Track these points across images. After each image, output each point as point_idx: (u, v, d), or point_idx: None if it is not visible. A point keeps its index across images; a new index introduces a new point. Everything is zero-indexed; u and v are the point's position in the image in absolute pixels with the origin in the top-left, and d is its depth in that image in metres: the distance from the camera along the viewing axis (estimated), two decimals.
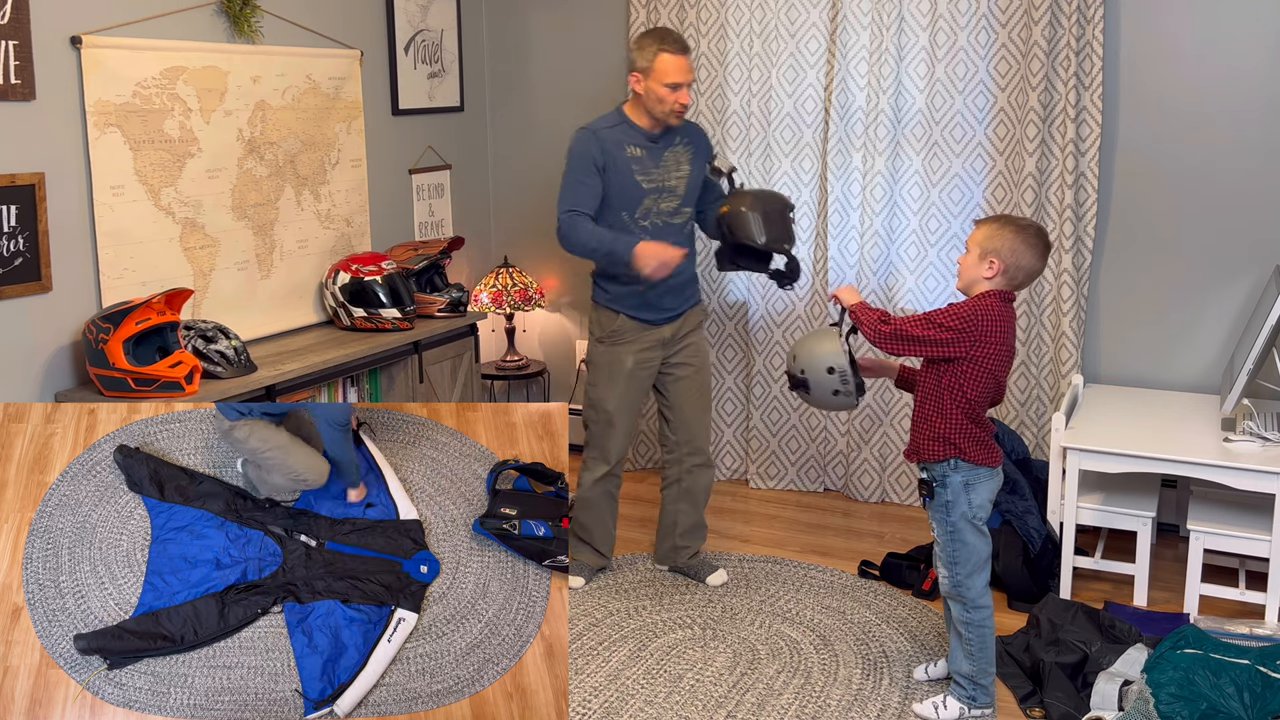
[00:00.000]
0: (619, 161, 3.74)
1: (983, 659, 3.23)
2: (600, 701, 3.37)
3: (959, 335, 3.05)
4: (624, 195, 3.77)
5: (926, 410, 3.17)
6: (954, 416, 3.11)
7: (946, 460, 3.14)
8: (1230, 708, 2.96)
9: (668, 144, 3.84)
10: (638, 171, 3.77)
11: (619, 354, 3.89)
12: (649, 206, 3.80)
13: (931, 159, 4.66)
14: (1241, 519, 3.83)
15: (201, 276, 4.04)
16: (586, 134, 3.77)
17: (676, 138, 3.87)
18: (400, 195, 5.00)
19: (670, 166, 3.83)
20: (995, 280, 3.09)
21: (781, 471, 5.12)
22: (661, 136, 3.82)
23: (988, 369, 3.08)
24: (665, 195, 3.82)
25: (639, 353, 3.90)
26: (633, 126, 3.79)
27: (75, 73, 3.56)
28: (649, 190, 3.79)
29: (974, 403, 3.10)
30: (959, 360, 3.07)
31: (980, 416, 3.14)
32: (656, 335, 3.91)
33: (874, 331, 3.11)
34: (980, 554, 3.19)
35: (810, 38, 4.78)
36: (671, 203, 3.84)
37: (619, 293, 3.87)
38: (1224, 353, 4.38)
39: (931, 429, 3.15)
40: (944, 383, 3.11)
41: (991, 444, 3.16)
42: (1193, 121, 4.32)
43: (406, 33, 4.94)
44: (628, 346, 3.89)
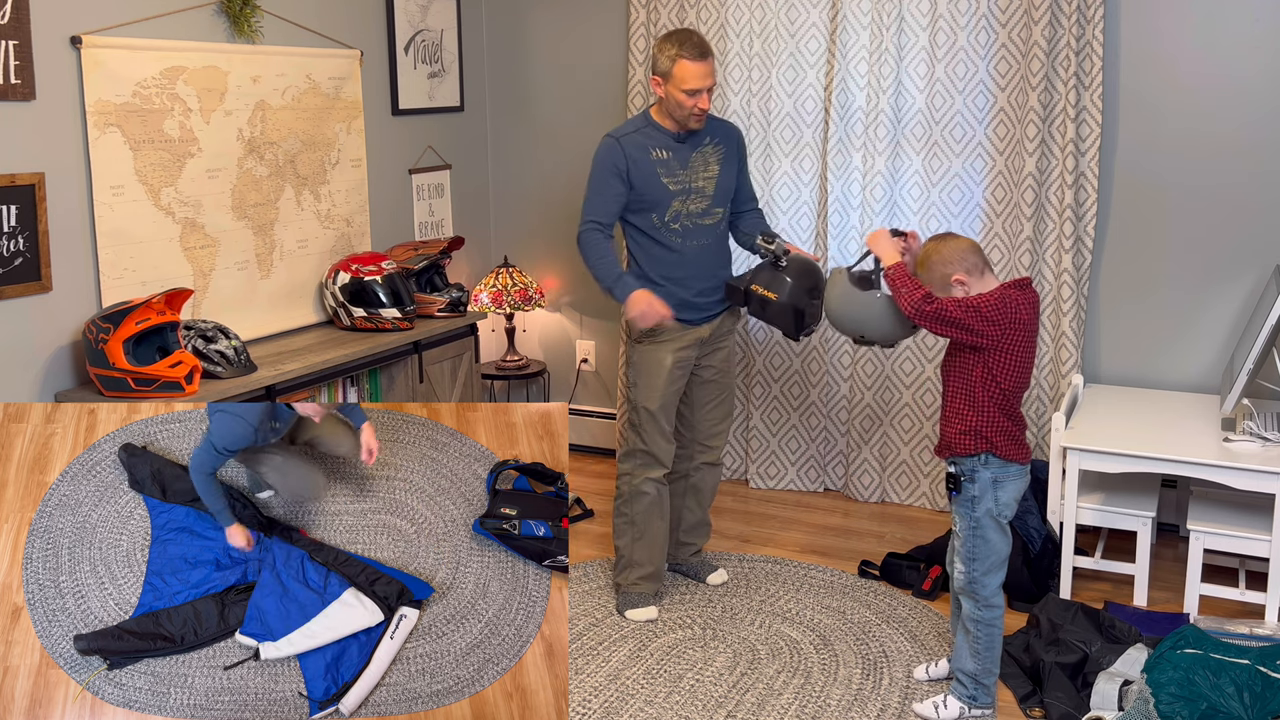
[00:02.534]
0: (643, 166, 3.70)
1: (988, 658, 3.23)
2: (600, 701, 3.37)
3: (994, 324, 3.04)
4: (651, 199, 3.73)
5: (958, 405, 3.16)
6: (987, 410, 3.10)
7: (977, 455, 3.13)
8: (1230, 708, 2.96)
9: (696, 145, 3.79)
10: (664, 174, 3.72)
11: (659, 353, 3.81)
12: (678, 209, 3.75)
13: (931, 159, 4.66)
14: (1241, 519, 3.83)
15: (201, 276, 4.04)
16: (610, 141, 3.74)
17: (706, 138, 3.81)
18: (400, 195, 5.00)
19: (698, 168, 3.78)
20: (972, 284, 3.11)
21: (781, 471, 5.12)
22: (689, 137, 3.77)
23: (1019, 357, 3.08)
24: (694, 196, 3.77)
25: (677, 351, 3.82)
26: (658, 129, 3.75)
27: (75, 73, 3.56)
28: (676, 193, 3.74)
29: (1008, 393, 3.10)
30: (989, 350, 3.07)
31: (1014, 409, 3.13)
32: (695, 335, 3.85)
33: (915, 307, 3.09)
34: (1000, 553, 3.19)
35: (810, 38, 4.78)
36: (701, 204, 3.80)
37: (657, 294, 3.76)
38: (1224, 353, 4.38)
39: (963, 423, 3.14)
40: (976, 375, 3.10)
41: (1023, 440, 3.16)
42: (1193, 121, 4.32)
43: (406, 33, 4.94)
44: (666, 345, 3.81)
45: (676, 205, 3.75)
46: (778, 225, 4.92)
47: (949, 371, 3.20)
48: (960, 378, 3.15)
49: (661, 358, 3.81)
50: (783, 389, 5.04)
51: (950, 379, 3.19)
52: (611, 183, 3.70)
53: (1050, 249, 4.49)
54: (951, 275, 3.11)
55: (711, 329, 3.89)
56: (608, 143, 3.73)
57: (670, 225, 3.76)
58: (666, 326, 3.74)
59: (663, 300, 3.69)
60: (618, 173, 3.69)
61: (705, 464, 4.06)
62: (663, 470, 3.86)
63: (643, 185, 3.71)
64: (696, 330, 3.85)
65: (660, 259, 3.77)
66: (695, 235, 3.79)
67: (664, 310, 3.67)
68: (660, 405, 3.82)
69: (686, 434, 4.03)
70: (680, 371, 3.85)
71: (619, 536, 3.93)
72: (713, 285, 3.85)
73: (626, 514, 3.89)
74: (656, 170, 3.71)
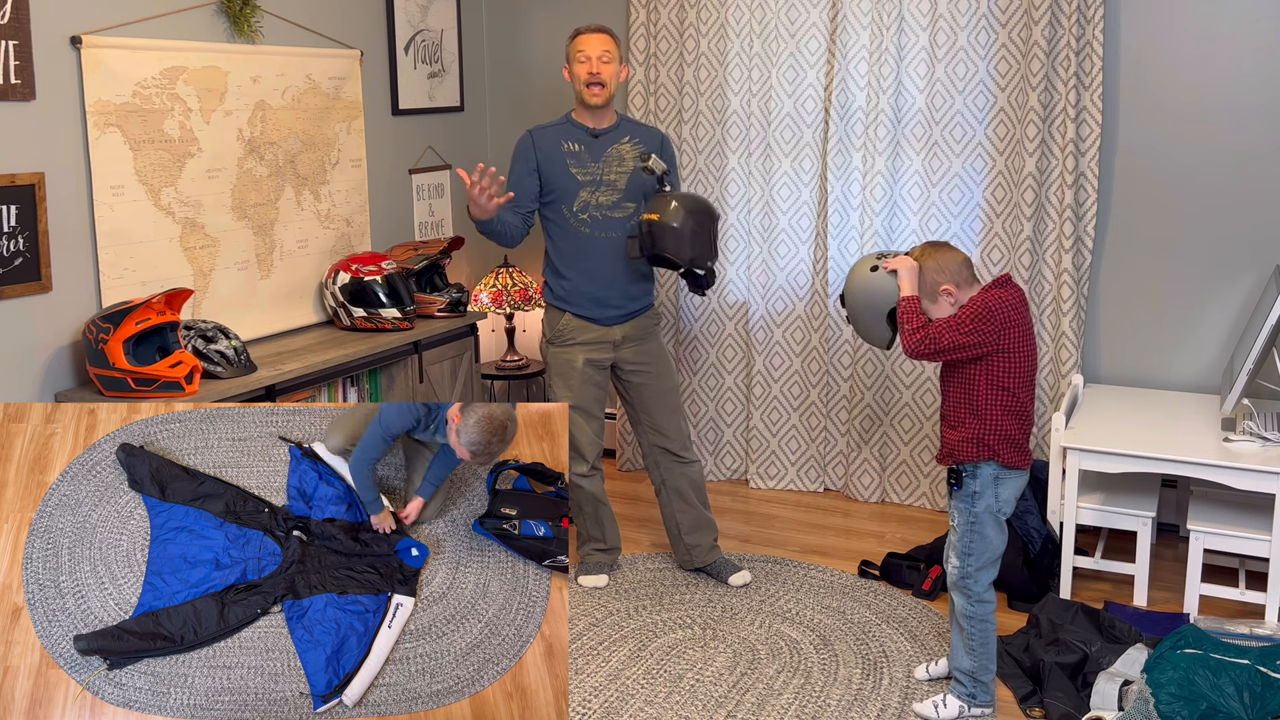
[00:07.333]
0: (553, 157, 3.90)
1: (983, 655, 3.23)
2: (600, 701, 3.37)
3: (982, 333, 3.04)
4: (560, 188, 3.91)
5: (961, 413, 3.15)
6: (992, 416, 3.10)
7: (981, 460, 3.14)
8: (1230, 708, 2.96)
9: (613, 140, 3.95)
10: (573, 165, 3.90)
11: (569, 355, 3.98)
12: (585, 199, 3.90)
13: (931, 159, 4.66)
14: (1241, 519, 3.83)
15: (201, 276, 4.04)
16: (524, 135, 3.98)
17: (624, 136, 3.97)
18: (400, 195, 5.00)
19: (612, 162, 3.93)
20: (959, 296, 3.11)
21: (781, 471, 5.12)
22: (605, 133, 3.95)
23: (1019, 356, 3.08)
24: (603, 189, 3.91)
25: (589, 352, 3.97)
26: (575, 125, 3.96)
27: (75, 73, 3.56)
28: (584, 183, 3.90)
29: (1015, 393, 3.10)
30: (988, 356, 3.07)
31: (1023, 409, 3.12)
32: (606, 336, 3.98)
33: (908, 339, 3.12)
34: (995, 549, 3.20)
35: (810, 38, 4.78)
36: (611, 196, 3.92)
37: (566, 291, 3.96)
38: (1224, 353, 4.38)
39: (967, 430, 3.13)
40: (979, 382, 3.10)
41: (1025, 446, 3.16)
42: (1193, 121, 4.32)
43: (406, 33, 4.94)
44: (577, 348, 3.97)
45: (585, 196, 3.90)
46: (778, 225, 4.92)
47: (950, 380, 3.19)
48: (962, 386, 3.15)
49: (572, 358, 3.97)
50: (783, 389, 5.04)
51: (951, 387, 3.18)
52: (519, 173, 3.92)
53: (1050, 249, 4.49)
54: (940, 285, 3.12)
55: (624, 331, 4.00)
56: (523, 136, 3.98)
57: (579, 215, 3.91)
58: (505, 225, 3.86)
59: (573, 289, 3.93)
60: (527, 163, 3.91)
61: (674, 465, 4.10)
62: (585, 464, 4.04)
63: (550, 175, 3.90)
64: (608, 331, 3.98)
65: (569, 250, 3.94)
66: (604, 227, 3.92)
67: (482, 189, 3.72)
68: (576, 405, 3.98)
69: (644, 441, 4.12)
70: (594, 371, 4.00)
71: (574, 519, 4.17)
72: (625, 282, 3.96)
73: (575, 499, 4.10)
74: (566, 161, 3.90)
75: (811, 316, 4.92)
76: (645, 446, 4.13)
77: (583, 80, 3.87)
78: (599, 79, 3.85)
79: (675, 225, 3.77)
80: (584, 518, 4.14)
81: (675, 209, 3.78)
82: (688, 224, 3.78)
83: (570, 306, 3.96)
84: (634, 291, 3.99)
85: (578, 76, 3.89)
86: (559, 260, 3.97)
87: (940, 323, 3.10)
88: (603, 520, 4.15)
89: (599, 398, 4.03)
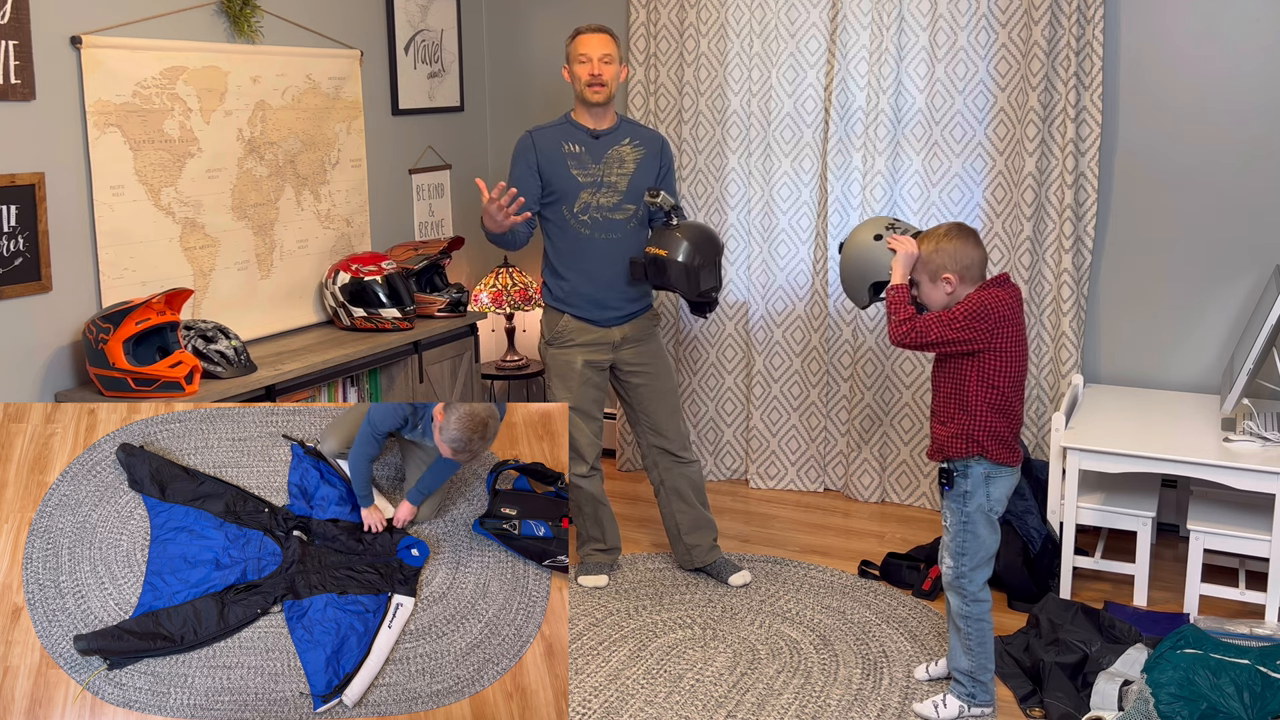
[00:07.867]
0: (554, 158, 3.89)
1: (981, 654, 3.23)
2: (600, 701, 3.37)
3: (974, 330, 3.05)
4: (560, 189, 3.90)
5: (950, 409, 3.15)
6: (980, 413, 3.10)
7: (969, 457, 3.14)
8: (1230, 708, 2.96)
9: (613, 141, 3.94)
10: (573, 166, 3.89)
11: (568, 356, 3.98)
12: (586, 200, 3.89)
13: (931, 159, 4.66)
14: (1241, 519, 3.83)
15: (201, 276, 4.04)
16: (524, 136, 3.97)
17: (625, 138, 3.96)
18: (400, 195, 5.00)
19: (612, 163, 3.92)
20: (958, 290, 3.10)
21: (781, 471, 5.12)
22: (606, 134, 3.94)
23: (1011, 356, 3.08)
24: (604, 190, 3.90)
25: (588, 354, 3.97)
26: (575, 126, 3.95)
27: (75, 73, 3.56)
28: (585, 184, 3.89)
29: (1004, 392, 3.10)
30: (981, 353, 3.07)
31: (1011, 408, 3.12)
32: (605, 337, 3.98)
33: (895, 329, 3.12)
34: (989, 548, 3.20)
35: (810, 38, 4.78)
36: (611, 198, 3.91)
37: (565, 292, 3.96)
38: (1224, 353, 4.38)
39: (956, 425, 3.13)
40: (970, 379, 3.10)
41: (1014, 444, 3.16)
42: (1193, 121, 4.32)
43: (406, 33, 4.94)
44: (576, 349, 3.97)
45: (585, 197, 3.89)
46: (778, 225, 4.92)
47: (940, 375, 3.20)
48: (951, 381, 3.15)
49: (571, 360, 3.97)
50: (783, 389, 5.04)
51: (941, 383, 3.19)
52: (520, 174, 3.89)
53: (1050, 249, 4.49)
54: (944, 272, 3.10)
55: (623, 333, 4.00)
56: (522, 137, 3.96)
57: (579, 216, 3.90)
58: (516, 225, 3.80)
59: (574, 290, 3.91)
60: (528, 164, 3.89)
61: (673, 465, 4.11)
62: (584, 465, 4.03)
63: (551, 176, 3.88)
64: (607, 332, 3.98)
65: (568, 251, 3.93)
66: (604, 228, 3.91)
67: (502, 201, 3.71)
68: (575, 406, 3.97)
69: (643, 441, 4.12)
70: (593, 372, 3.99)
71: (574, 519, 4.16)
72: (624, 284, 3.96)
73: (574, 500, 4.09)
74: (567, 162, 3.88)
75: (811, 316, 4.92)
76: (644, 447, 4.13)
77: (584, 81, 3.87)
78: (600, 80, 3.85)
79: (682, 261, 3.78)
80: (584, 518, 4.14)
81: (685, 247, 3.79)
82: (695, 260, 3.79)
83: (569, 308, 3.96)
84: (633, 293, 4.00)
85: (578, 77, 3.88)
86: (558, 261, 3.97)
87: (931, 316, 3.10)
88: (602, 520, 4.14)
89: (598, 399, 4.04)
